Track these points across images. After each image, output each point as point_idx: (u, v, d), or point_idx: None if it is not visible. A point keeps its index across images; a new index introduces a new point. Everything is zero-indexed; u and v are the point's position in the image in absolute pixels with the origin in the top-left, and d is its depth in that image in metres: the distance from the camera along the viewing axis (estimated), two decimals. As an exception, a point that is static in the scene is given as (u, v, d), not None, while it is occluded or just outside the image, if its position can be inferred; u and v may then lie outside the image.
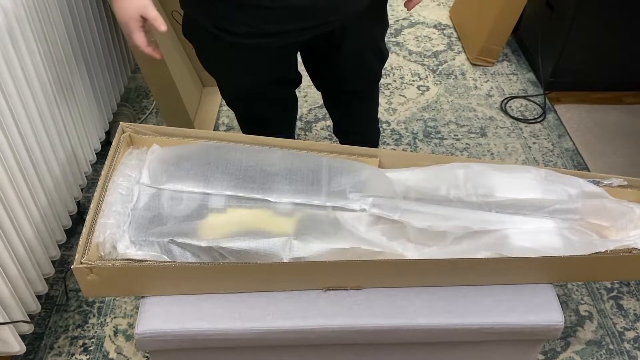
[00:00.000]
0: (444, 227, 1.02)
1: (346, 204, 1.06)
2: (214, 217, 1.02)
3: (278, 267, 0.97)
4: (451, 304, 1.00)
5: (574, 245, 1.02)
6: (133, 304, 1.48)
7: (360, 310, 0.99)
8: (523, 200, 1.09)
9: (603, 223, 1.06)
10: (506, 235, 1.03)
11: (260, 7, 1.06)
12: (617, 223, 1.05)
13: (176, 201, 1.05)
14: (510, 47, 2.49)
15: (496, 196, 1.10)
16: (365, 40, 1.29)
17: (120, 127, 1.14)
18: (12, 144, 1.11)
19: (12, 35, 1.12)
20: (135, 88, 2.19)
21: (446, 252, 1.03)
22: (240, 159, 1.12)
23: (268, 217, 1.04)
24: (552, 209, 1.07)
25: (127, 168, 1.10)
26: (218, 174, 1.09)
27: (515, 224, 1.05)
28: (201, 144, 1.15)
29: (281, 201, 1.06)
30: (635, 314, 1.50)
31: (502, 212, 1.07)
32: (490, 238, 1.03)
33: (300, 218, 1.03)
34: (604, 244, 1.01)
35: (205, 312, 0.98)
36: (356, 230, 1.03)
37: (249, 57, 1.18)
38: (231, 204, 1.05)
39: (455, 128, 2.07)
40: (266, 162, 1.12)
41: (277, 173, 1.10)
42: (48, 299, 1.47)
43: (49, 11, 1.28)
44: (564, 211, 1.07)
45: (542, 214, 1.07)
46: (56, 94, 1.32)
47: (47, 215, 1.29)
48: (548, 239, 1.03)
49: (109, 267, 0.94)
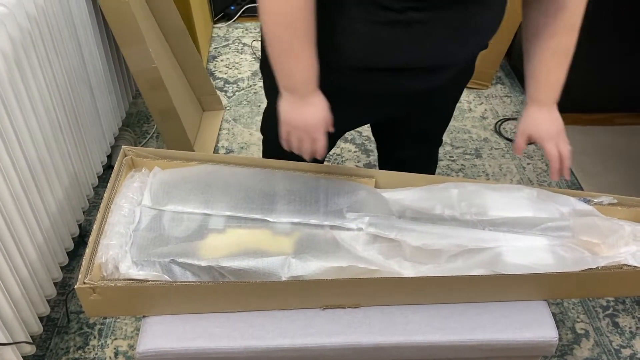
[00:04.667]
0: (439, 246, 1.04)
1: (343, 223, 1.09)
2: (213, 237, 1.05)
3: (277, 286, 0.99)
4: (447, 321, 1.02)
5: (566, 262, 1.04)
6: (134, 325, 1.49)
7: (358, 328, 1.01)
8: (516, 219, 1.11)
9: (594, 240, 1.08)
10: (500, 252, 1.05)
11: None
12: (608, 240, 1.07)
13: (177, 222, 1.08)
14: (504, 70, 2.55)
15: (489, 215, 1.12)
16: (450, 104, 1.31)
17: (122, 151, 1.17)
18: (17, 167, 1.14)
19: (19, 63, 1.16)
20: (137, 113, 2.23)
21: (442, 269, 1.05)
22: (240, 180, 1.14)
23: (267, 236, 1.06)
24: (544, 226, 1.09)
25: (129, 190, 1.12)
26: (218, 195, 1.11)
27: (508, 241, 1.07)
28: (201, 166, 1.18)
29: (280, 221, 1.08)
30: (631, 332, 1.51)
31: (496, 229, 1.09)
32: (484, 256, 1.05)
33: (298, 237, 1.06)
34: (595, 261, 1.03)
35: (206, 331, 0.99)
36: (353, 249, 1.05)
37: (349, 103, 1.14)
38: (231, 224, 1.08)
39: (450, 150, 2.10)
40: (265, 183, 1.14)
41: (276, 194, 1.12)
42: (49, 321, 1.48)
43: (54, 39, 1.32)
44: (555, 229, 1.09)
45: (534, 231, 1.09)
46: (60, 118, 1.36)
47: (50, 237, 1.31)
48: (540, 256, 1.05)
49: (112, 287, 0.96)
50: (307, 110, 0.99)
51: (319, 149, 1.01)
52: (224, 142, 2.13)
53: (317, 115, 0.99)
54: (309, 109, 0.99)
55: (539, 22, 1.02)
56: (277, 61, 0.96)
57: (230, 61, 2.59)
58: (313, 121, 0.99)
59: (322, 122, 1.00)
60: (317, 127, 0.99)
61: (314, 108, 0.99)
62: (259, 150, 2.08)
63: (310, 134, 0.99)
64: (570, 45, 1.04)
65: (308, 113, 0.99)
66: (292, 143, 1.02)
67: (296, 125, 1.00)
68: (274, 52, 0.95)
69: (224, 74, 2.51)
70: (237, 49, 2.68)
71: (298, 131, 1.00)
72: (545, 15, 1.01)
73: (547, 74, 1.05)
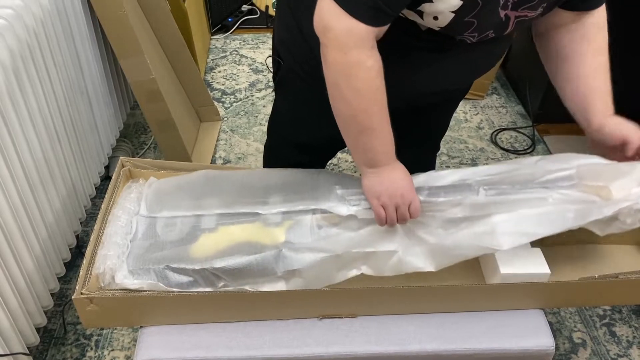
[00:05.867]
0: (431, 209, 1.02)
1: (334, 207, 1.06)
2: (205, 238, 1.04)
3: (274, 296, 0.99)
4: (444, 330, 1.02)
5: (566, 218, 0.98)
6: (130, 336, 1.49)
7: (355, 337, 1.01)
8: (513, 175, 1.05)
9: (600, 183, 0.99)
10: (495, 223, 1.00)
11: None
12: (618, 182, 0.98)
13: (170, 227, 1.07)
14: (499, 81, 2.56)
15: (482, 174, 1.06)
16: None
17: (120, 162, 1.18)
18: (15, 177, 1.14)
19: (18, 74, 1.16)
20: (134, 124, 2.24)
21: (435, 240, 1.01)
22: (233, 179, 1.14)
23: (258, 229, 1.04)
24: (544, 179, 1.03)
25: (127, 201, 1.12)
26: (210, 196, 1.11)
27: (505, 205, 1.01)
28: (195, 173, 1.17)
29: (270, 212, 1.07)
30: (628, 341, 1.51)
31: (491, 189, 1.03)
32: (480, 226, 1.01)
33: (290, 226, 1.04)
34: (602, 210, 0.96)
35: (203, 341, 1.00)
36: (346, 234, 1.03)
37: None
38: (223, 221, 1.06)
39: (447, 159, 2.12)
40: (260, 179, 1.13)
41: (270, 187, 1.11)
42: (46, 332, 1.48)
43: (52, 50, 1.33)
44: (558, 179, 1.03)
45: (534, 185, 1.03)
46: (58, 129, 1.36)
47: (47, 248, 1.31)
48: (540, 218, 0.98)
49: (109, 297, 0.96)
50: (395, 176, 0.99)
51: (416, 210, 0.99)
52: (222, 153, 2.14)
53: (405, 177, 1.00)
54: (396, 174, 0.99)
55: (572, 47, 1.02)
56: (356, 140, 0.97)
57: (227, 72, 2.61)
58: (404, 183, 0.99)
59: (411, 183, 1.00)
60: (409, 188, 0.99)
61: (399, 171, 1.00)
62: (256, 161, 2.08)
63: (406, 198, 0.98)
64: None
65: (396, 178, 0.99)
66: (390, 214, 0.99)
67: (390, 194, 0.98)
68: (353, 131, 0.96)
69: (222, 85, 2.52)
70: (235, 60, 2.69)
71: (394, 199, 0.98)
72: (579, 42, 1.02)
73: (604, 86, 1.03)
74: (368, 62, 0.88)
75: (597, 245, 1.19)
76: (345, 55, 0.88)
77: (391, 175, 0.99)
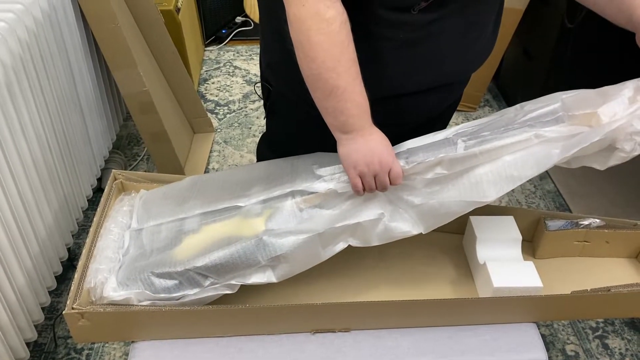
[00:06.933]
0: (413, 171, 0.96)
1: (311, 186, 1.01)
2: (189, 239, 1.03)
3: (266, 311, 0.99)
4: (437, 344, 1.02)
5: (552, 154, 0.93)
6: (122, 350, 1.47)
7: (348, 352, 1.01)
8: (495, 121, 0.99)
9: (587, 111, 0.93)
10: (480, 174, 0.96)
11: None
12: (606, 106, 0.92)
13: (156, 235, 1.06)
14: (491, 93, 2.58)
15: (464, 128, 1.01)
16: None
17: (112, 175, 1.17)
18: (5, 190, 1.14)
19: (10, 87, 1.16)
20: (127, 135, 2.23)
21: (420, 201, 0.97)
22: (216, 179, 1.13)
23: (239, 222, 1.02)
24: (527, 117, 0.96)
25: (119, 214, 1.12)
26: (192, 199, 1.10)
27: (487, 154, 0.95)
28: (182, 180, 1.17)
29: (250, 202, 1.04)
30: (621, 353, 1.51)
31: (470, 140, 0.97)
32: (464, 180, 0.96)
33: (269, 214, 1.01)
34: (589, 137, 0.90)
35: (195, 357, 0.99)
36: (328, 211, 0.99)
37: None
38: (206, 220, 1.05)
39: (440, 171, 2.12)
40: (240, 174, 1.12)
41: (253, 179, 1.09)
42: (36, 346, 1.46)
43: (45, 62, 1.33)
44: (542, 115, 0.96)
45: (516, 125, 0.96)
46: (50, 141, 1.36)
47: (38, 262, 1.30)
48: (524, 159, 0.94)
49: (100, 312, 0.95)
50: (372, 141, 0.92)
51: (397, 176, 0.93)
52: (215, 164, 2.13)
53: (383, 141, 0.93)
54: (373, 139, 0.92)
55: None
56: (326, 102, 0.90)
57: (221, 84, 2.61)
58: (381, 148, 0.92)
59: (390, 147, 0.94)
60: (388, 153, 0.93)
61: (376, 136, 0.93)
62: (249, 172, 2.08)
63: (384, 165, 0.92)
64: None
65: (373, 143, 0.92)
66: (368, 184, 0.94)
67: (368, 161, 0.92)
68: (321, 94, 0.89)
69: (215, 96, 2.52)
70: (228, 71, 2.70)
71: (372, 167, 0.92)
72: None
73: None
74: (327, 13, 0.83)
75: (589, 258, 1.20)
76: (303, 7, 0.83)
77: (367, 140, 0.92)
